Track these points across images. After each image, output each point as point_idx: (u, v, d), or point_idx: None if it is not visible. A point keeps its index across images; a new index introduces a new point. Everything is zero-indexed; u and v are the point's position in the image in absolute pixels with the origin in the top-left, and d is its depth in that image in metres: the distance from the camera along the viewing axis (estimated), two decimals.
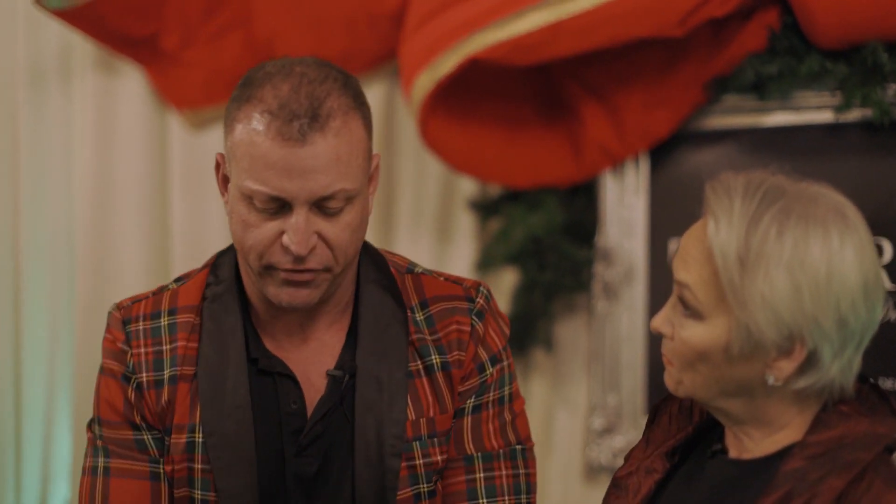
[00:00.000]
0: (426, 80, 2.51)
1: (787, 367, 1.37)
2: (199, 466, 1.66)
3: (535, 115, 2.78)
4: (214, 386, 1.65)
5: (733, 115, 2.65)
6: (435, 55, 2.51)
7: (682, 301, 1.41)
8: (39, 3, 2.78)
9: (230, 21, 3.01)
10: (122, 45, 2.99)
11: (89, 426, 1.75)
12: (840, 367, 1.37)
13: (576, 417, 2.89)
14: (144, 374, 1.68)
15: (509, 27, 2.42)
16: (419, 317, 1.70)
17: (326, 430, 1.65)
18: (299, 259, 1.55)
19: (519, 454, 1.73)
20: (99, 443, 1.72)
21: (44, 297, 3.29)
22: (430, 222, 2.98)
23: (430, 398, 1.68)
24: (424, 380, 1.69)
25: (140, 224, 3.15)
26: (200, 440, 1.65)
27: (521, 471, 1.72)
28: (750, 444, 1.44)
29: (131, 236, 3.15)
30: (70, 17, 2.83)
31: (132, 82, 3.14)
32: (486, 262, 2.89)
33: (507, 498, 1.70)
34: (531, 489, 1.74)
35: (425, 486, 1.68)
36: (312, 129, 1.50)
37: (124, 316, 1.73)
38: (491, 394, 1.72)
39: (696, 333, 1.39)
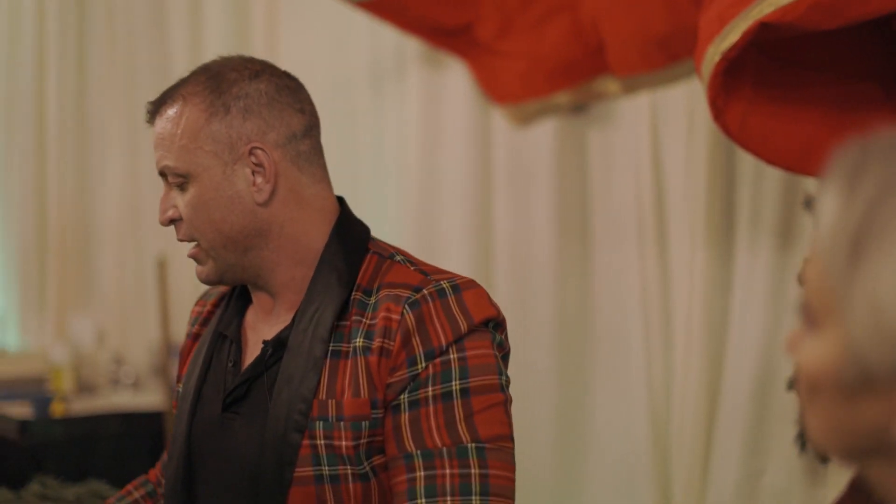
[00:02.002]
0: (713, 53, 2.10)
1: None
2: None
3: (884, 95, 2.25)
4: (200, 346, 1.84)
5: None
6: (725, 24, 2.10)
7: (802, 305, 0.96)
8: None
9: (553, 6, 2.76)
10: (436, 37, 2.84)
11: None
12: None
13: None
14: (188, 327, 1.93)
15: None
16: (370, 300, 1.69)
17: (249, 395, 1.73)
18: (174, 230, 1.74)
19: (471, 452, 1.61)
20: None
21: None
22: (770, 225, 2.55)
23: (348, 381, 1.66)
24: (349, 362, 1.66)
25: (463, 224, 3.00)
26: (180, 390, 1.86)
27: (474, 470, 1.61)
28: None
29: (454, 236, 3.01)
30: (375, 8, 2.72)
31: (457, 78, 2.99)
32: None
33: (450, 499, 1.60)
34: (487, 491, 1.60)
35: (327, 468, 1.65)
36: (152, 112, 1.73)
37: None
38: (430, 388, 1.63)
39: (806, 351, 0.94)
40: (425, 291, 1.65)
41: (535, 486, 2.82)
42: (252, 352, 1.78)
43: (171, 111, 1.70)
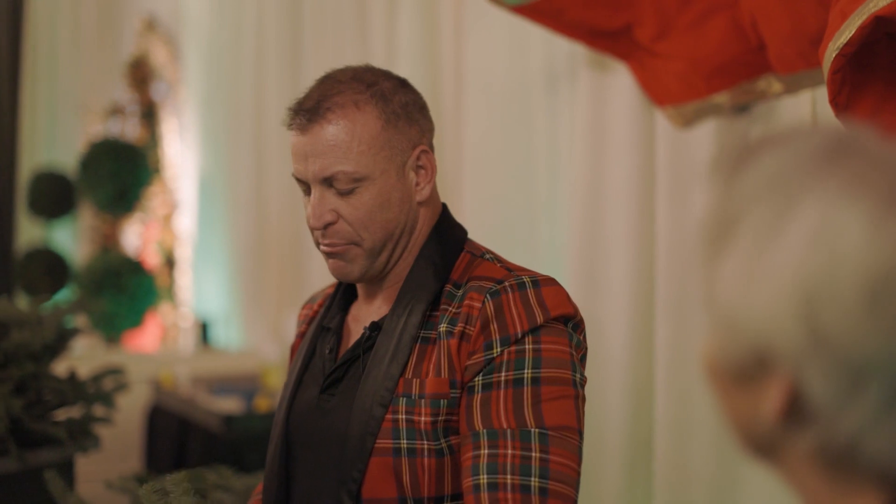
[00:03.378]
0: (831, 50, 2.04)
1: (770, 402, 0.88)
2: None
3: None
4: (304, 341, 2.00)
5: None
6: (844, 19, 2.04)
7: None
8: (497, 1, 2.73)
9: (712, 5, 2.71)
10: (596, 39, 2.84)
11: None
12: (862, 423, 0.83)
13: None
14: (299, 328, 2.10)
15: None
16: (458, 292, 1.80)
17: (346, 376, 1.85)
18: (324, 234, 1.81)
19: (534, 437, 1.68)
20: None
21: None
22: None
23: (433, 363, 1.76)
24: (435, 347, 1.77)
25: (626, 225, 2.98)
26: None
27: (535, 454, 1.67)
28: None
29: (617, 237, 2.99)
30: (529, 12, 2.75)
31: (622, 80, 2.97)
32: None
33: (509, 477, 1.65)
34: (547, 475, 1.66)
35: (406, 442, 1.74)
36: (312, 120, 1.79)
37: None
38: (503, 374, 1.71)
39: (704, 341, 0.96)
40: (506, 283, 1.76)
41: (694, 485, 2.79)
42: (352, 340, 1.91)
43: (341, 120, 1.78)
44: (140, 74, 7.00)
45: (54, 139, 6.98)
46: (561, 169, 3.25)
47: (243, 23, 6.16)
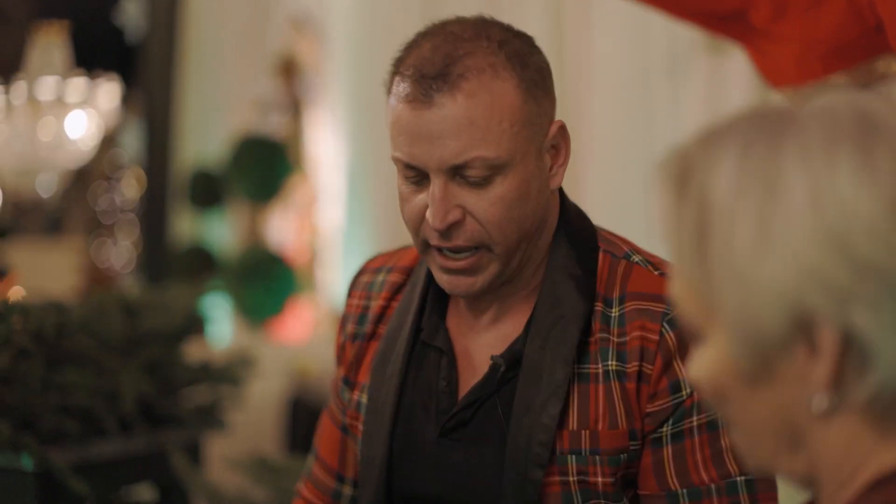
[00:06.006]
0: None
1: (821, 370, 0.84)
2: (361, 427, 1.60)
3: None
4: (386, 350, 1.58)
5: None
6: None
7: (684, 329, 0.96)
8: None
9: None
10: (712, 23, 2.80)
11: None
12: None
13: None
14: (350, 325, 1.66)
15: None
16: (614, 313, 1.46)
17: (475, 420, 1.48)
18: (445, 235, 1.43)
19: (742, 487, 1.40)
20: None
21: None
22: None
23: (602, 409, 1.43)
24: (600, 386, 1.44)
25: None
26: (364, 401, 1.59)
27: None
28: None
29: None
30: None
31: (741, 66, 2.92)
32: None
33: None
34: None
35: None
36: (440, 90, 1.39)
37: (363, 266, 1.71)
38: (695, 417, 1.42)
39: (700, 363, 0.93)
40: None
41: None
42: (468, 367, 1.53)
43: (478, 90, 1.39)
44: (288, 69, 7.16)
45: (206, 135, 7.20)
46: None
47: (389, 14, 6.24)
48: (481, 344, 1.53)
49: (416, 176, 1.45)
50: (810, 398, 0.86)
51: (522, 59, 1.44)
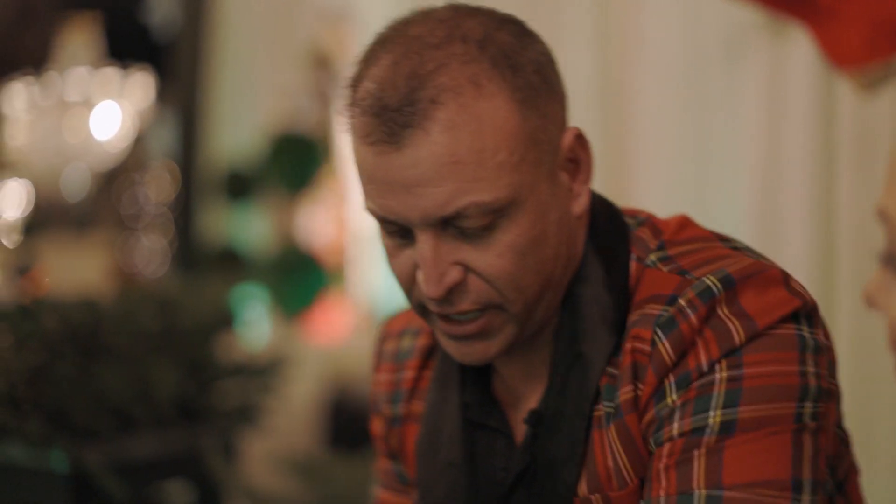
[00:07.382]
0: None
1: None
2: None
3: None
4: (431, 432, 1.28)
5: None
6: None
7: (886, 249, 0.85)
8: None
9: None
10: (777, 2, 2.70)
11: None
12: None
13: None
14: (383, 406, 1.38)
15: None
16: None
17: (514, 496, 1.21)
18: (444, 300, 1.13)
19: (700, 500, 1.07)
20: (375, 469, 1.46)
21: None
22: None
23: (609, 464, 1.16)
24: (604, 433, 1.17)
25: (806, 209, 2.79)
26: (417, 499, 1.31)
27: None
28: None
29: (796, 222, 2.81)
30: None
31: (802, 50, 2.80)
32: None
33: None
34: None
35: None
36: (409, 124, 1.06)
37: (383, 330, 1.41)
38: (675, 424, 1.11)
39: None
40: (682, 301, 1.13)
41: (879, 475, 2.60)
42: (519, 439, 1.25)
43: (457, 117, 1.07)
44: (320, 61, 7.09)
45: (237, 129, 7.13)
46: (736, 145, 3.09)
47: (421, 5, 6.15)
48: (521, 404, 1.25)
49: (399, 230, 1.14)
50: None
51: (512, 58, 1.11)
